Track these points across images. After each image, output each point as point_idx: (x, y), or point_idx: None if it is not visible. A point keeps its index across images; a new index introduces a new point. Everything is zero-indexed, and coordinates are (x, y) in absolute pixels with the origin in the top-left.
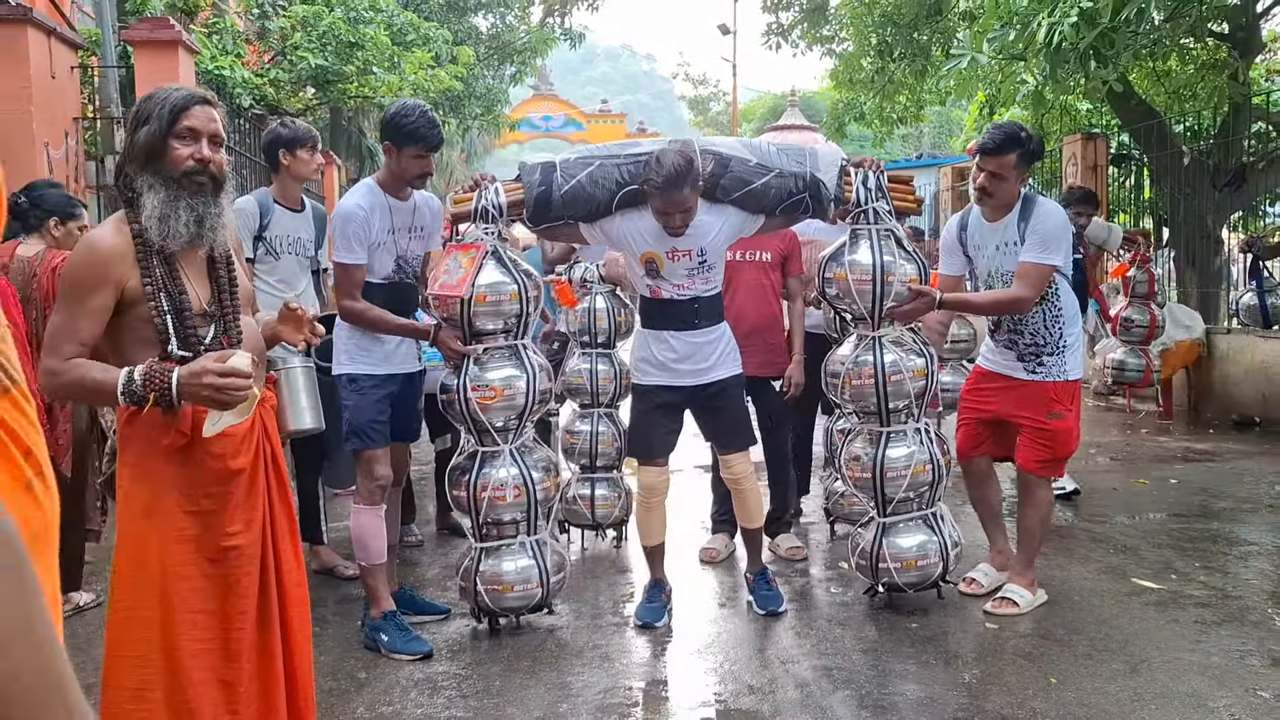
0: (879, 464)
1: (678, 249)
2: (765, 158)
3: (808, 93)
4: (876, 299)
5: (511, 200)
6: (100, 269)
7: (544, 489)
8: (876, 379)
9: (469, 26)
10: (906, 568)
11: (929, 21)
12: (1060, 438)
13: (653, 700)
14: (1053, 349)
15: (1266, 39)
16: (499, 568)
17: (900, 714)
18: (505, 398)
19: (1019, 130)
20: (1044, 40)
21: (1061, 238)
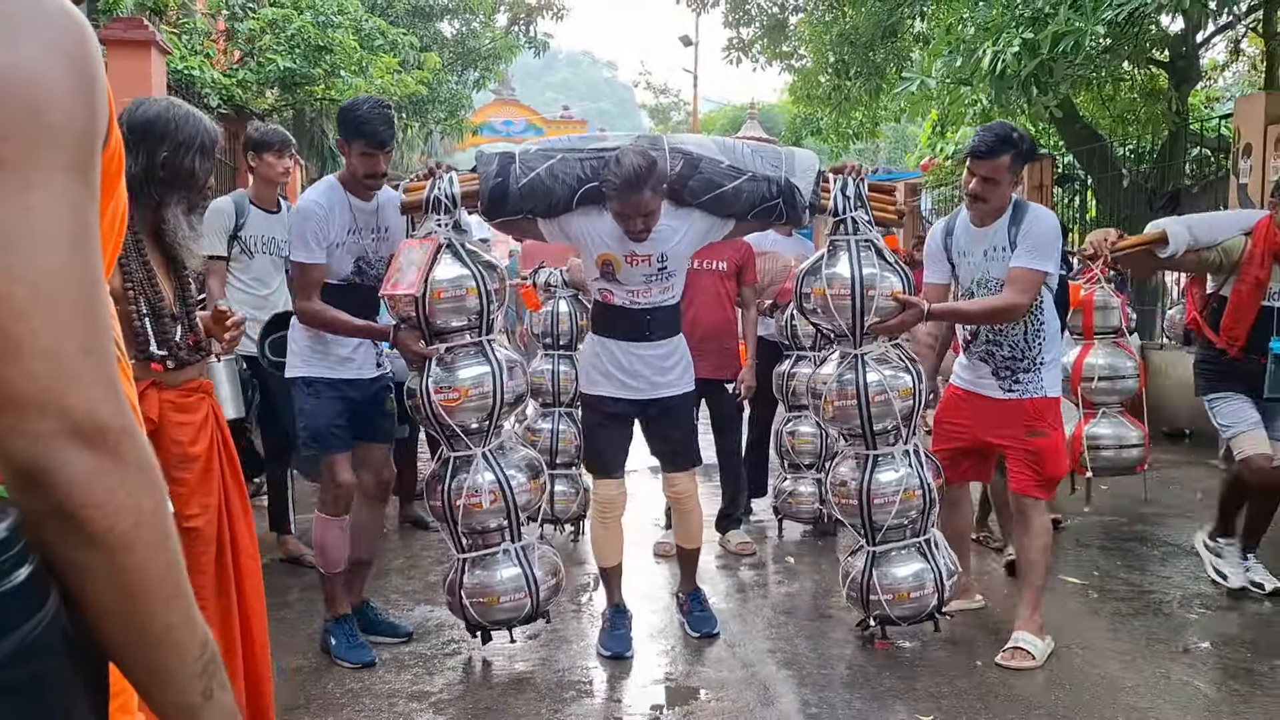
0: (866, 489)
1: (637, 253)
2: (738, 159)
3: (767, 105)
4: (857, 314)
5: (466, 190)
6: None
7: (524, 492)
8: (860, 399)
9: (434, 31)
10: (899, 599)
11: (884, 42)
12: (1046, 457)
13: (609, 678)
14: (1029, 365)
15: (1206, 67)
16: (483, 579)
17: (835, 691)
18: (472, 398)
19: (1010, 131)
20: (988, 67)
21: (1053, 244)
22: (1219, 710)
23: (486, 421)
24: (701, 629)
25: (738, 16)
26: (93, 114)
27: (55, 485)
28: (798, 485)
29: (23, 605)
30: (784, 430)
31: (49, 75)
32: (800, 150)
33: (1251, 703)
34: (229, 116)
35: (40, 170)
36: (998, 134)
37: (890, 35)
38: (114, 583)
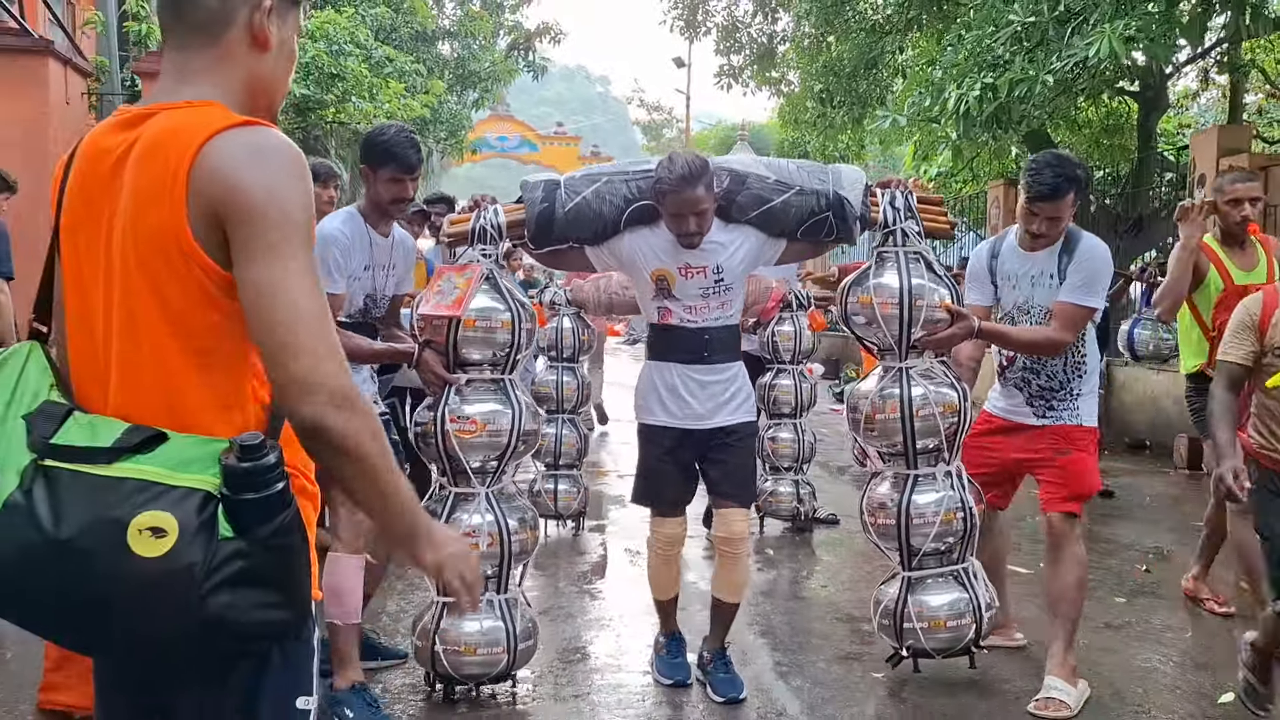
0: (904, 510)
1: (691, 265)
2: (784, 175)
3: (758, 125)
4: (904, 325)
5: (511, 220)
6: None
7: (519, 540)
8: (903, 414)
9: (436, 55)
10: (935, 629)
11: (867, 73)
12: (1073, 472)
13: (609, 648)
14: (1065, 395)
15: (1180, 95)
16: (462, 628)
17: (804, 654)
18: (487, 433)
19: (1070, 169)
20: (954, 108)
21: (1105, 279)
22: (1148, 681)
23: (495, 461)
24: (726, 694)
25: (729, 44)
26: (311, 213)
27: (329, 432)
28: (778, 486)
29: (281, 501)
30: (765, 436)
31: (291, 189)
32: (845, 166)
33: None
34: None
35: (292, 247)
36: (1058, 172)
37: (872, 67)
38: (360, 472)
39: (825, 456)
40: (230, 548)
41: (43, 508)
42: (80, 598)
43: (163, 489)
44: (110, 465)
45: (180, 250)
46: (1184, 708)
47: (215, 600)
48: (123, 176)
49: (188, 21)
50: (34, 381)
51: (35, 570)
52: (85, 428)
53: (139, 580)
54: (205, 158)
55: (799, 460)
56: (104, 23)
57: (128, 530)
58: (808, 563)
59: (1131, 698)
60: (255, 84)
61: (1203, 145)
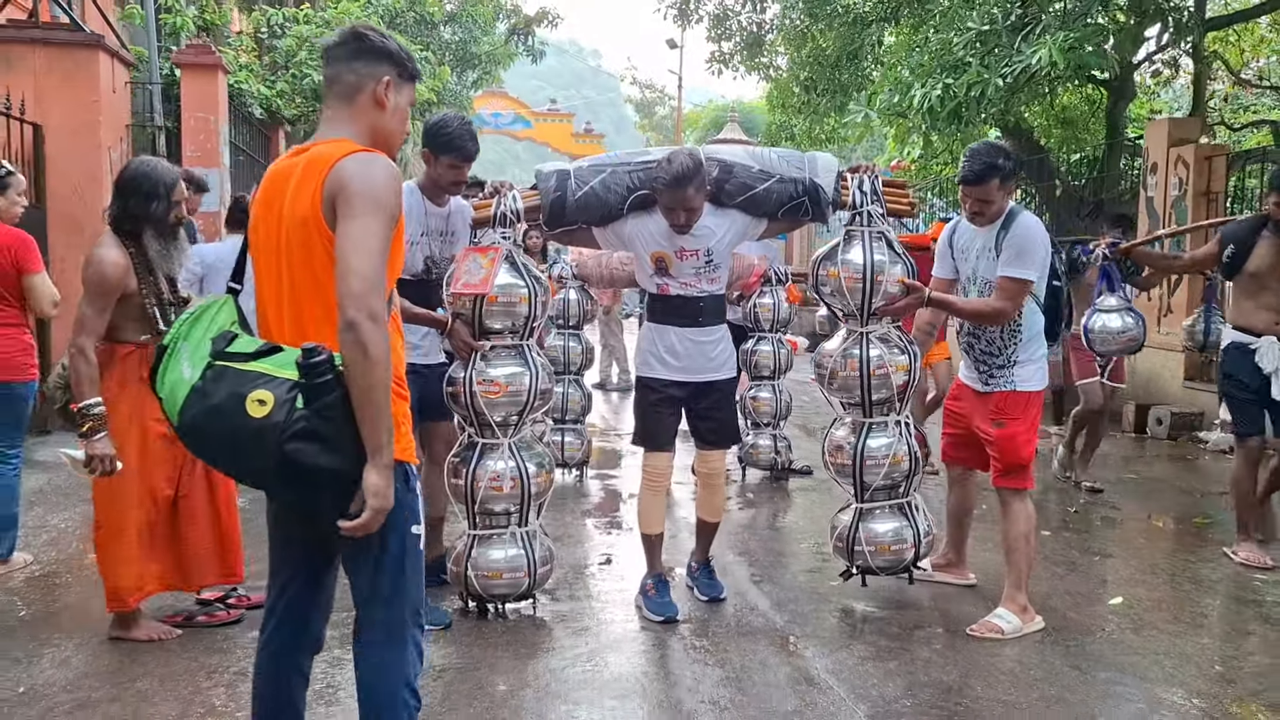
0: (859, 452)
1: (686, 249)
2: (767, 164)
3: (748, 105)
4: (866, 296)
5: (528, 206)
6: (119, 278)
7: (538, 483)
8: (861, 372)
9: (439, 38)
10: (880, 551)
11: (849, 64)
12: (1003, 446)
13: (610, 568)
14: (1004, 363)
15: (1154, 83)
16: (490, 555)
17: (775, 569)
18: (509, 393)
19: (995, 157)
20: (919, 104)
21: (1033, 252)
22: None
23: (516, 416)
24: (709, 593)
25: (719, 32)
26: (395, 203)
27: (358, 329)
28: (758, 439)
29: (327, 387)
30: (747, 395)
31: (383, 184)
32: (821, 154)
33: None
34: (265, 121)
35: (367, 215)
36: (985, 161)
37: (854, 57)
38: (367, 372)
39: (803, 419)
40: (300, 413)
41: (210, 387)
42: (225, 441)
43: (269, 378)
44: (245, 363)
45: (315, 227)
46: (1085, 610)
47: (289, 446)
48: (289, 185)
49: (336, 91)
50: (222, 319)
51: (206, 425)
52: (242, 342)
53: (249, 431)
54: (335, 169)
55: (777, 417)
56: (143, 16)
57: (246, 400)
58: (783, 504)
59: (1043, 608)
60: (376, 131)
61: (1155, 135)
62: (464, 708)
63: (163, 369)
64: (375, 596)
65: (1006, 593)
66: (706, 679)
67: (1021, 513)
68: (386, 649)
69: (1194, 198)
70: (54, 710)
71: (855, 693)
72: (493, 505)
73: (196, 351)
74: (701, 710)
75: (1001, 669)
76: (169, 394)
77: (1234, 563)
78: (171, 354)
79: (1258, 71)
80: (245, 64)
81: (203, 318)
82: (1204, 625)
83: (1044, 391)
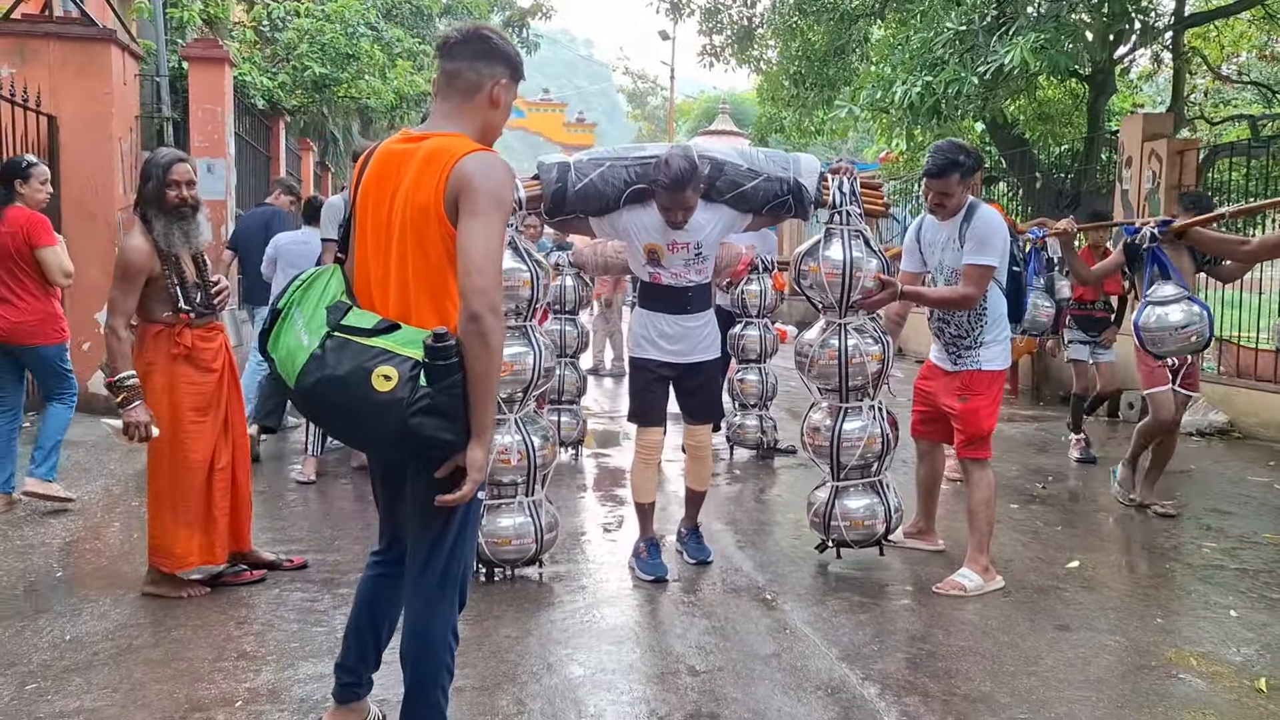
0: (836, 435)
1: (678, 241)
2: (755, 163)
3: (740, 96)
4: (845, 290)
5: (530, 195)
6: (144, 262)
7: (543, 455)
8: (840, 360)
9: (435, 31)
10: (855, 526)
11: (836, 59)
12: (966, 419)
13: (603, 531)
14: (971, 343)
15: (1136, 79)
16: (499, 523)
17: (759, 536)
18: (514, 372)
19: (956, 154)
20: (900, 100)
21: (994, 241)
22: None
23: (521, 393)
24: (697, 556)
25: (710, 25)
26: (512, 202)
27: (482, 321)
28: (745, 420)
29: (451, 369)
30: (735, 378)
31: (504, 184)
32: (805, 155)
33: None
34: (266, 112)
35: (496, 217)
36: (947, 156)
37: (841, 53)
38: (487, 361)
39: (791, 403)
40: (423, 391)
41: (330, 357)
42: (346, 410)
43: (393, 354)
44: (368, 338)
45: (436, 216)
46: (1043, 572)
47: (413, 420)
48: (406, 169)
49: (456, 86)
50: (333, 289)
51: (328, 393)
52: (359, 315)
53: (374, 404)
54: (458, 165)
55: (763, 398)
56: (150, 10)
57: (371, 375)
58: (768, 480)
59: (1004, 570)
60: (487, 128)
61: (1130, 130)
62: (474, 650)
63: (276, 332)
64: (440, 546)
65: (969, 554)
66: (694, 628)
67: (983, 480)
68: (439, 593)
69: (1166, 191)
70: (99, 655)
71: (828, 639)
72: (501, 477)
73: (313, 319)
74: (689, 654)
75: (962, 620)
76: (285, 357)
77: (1176, 526)
78: (286, 319)
79: (1238, 67)
80: (248, 56)
81: (314, 285)
82: (1150, 585)
83: (1006, 371)
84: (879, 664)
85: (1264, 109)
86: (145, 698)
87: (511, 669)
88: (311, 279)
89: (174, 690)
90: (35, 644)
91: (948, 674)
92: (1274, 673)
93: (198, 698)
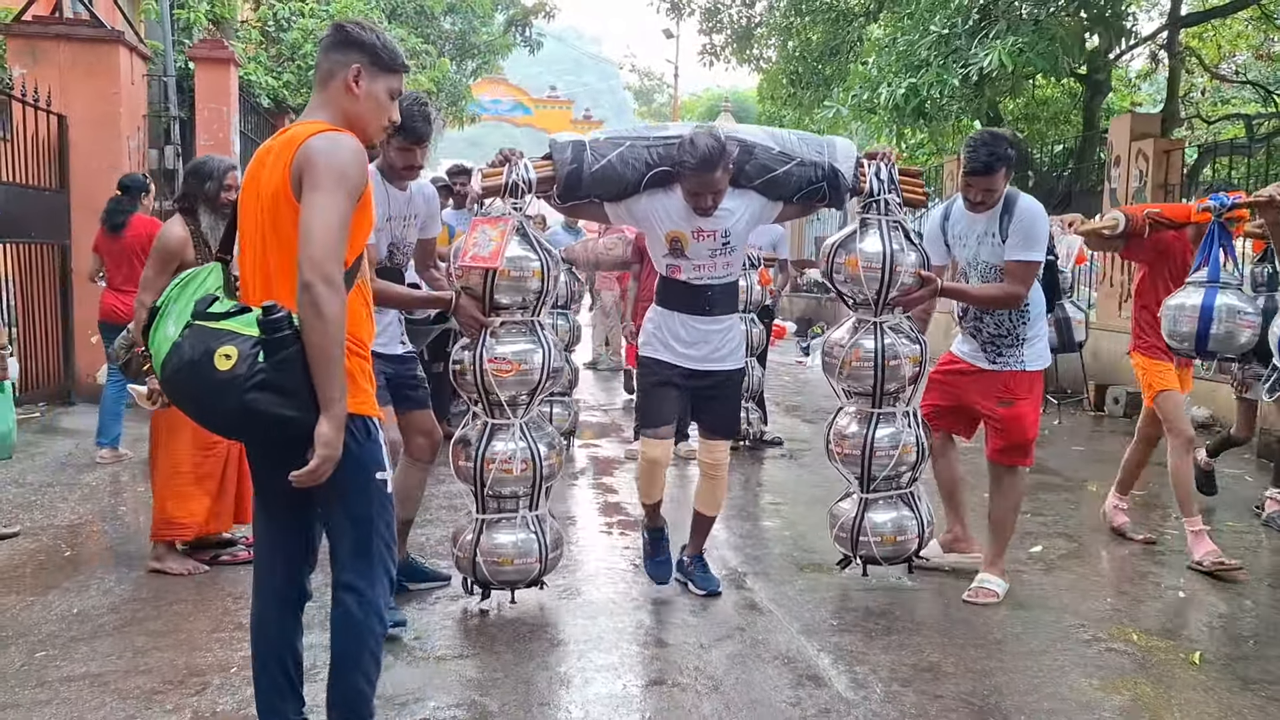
0: (869, 443)
1: (703, 229)
2: (787, 146)
3: (742, 94)
4: (884, 286)
5: (541, 176)
6: (178, 248)
7: (549, 465)
8: (876, 362)
9: (438, 29)
10: (885, 542)
11: (830, 59)
12: (1011, 425)
13: (596, 524)
14: (1012, 341)
15: (1137, 75)
16: (500, 540)
17: (733, 529)
18: (520, 372)
19: (1000, 146)
20: (885, 102)
21: (1043, 234)
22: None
23: (527, 396)
24: (706, 588)
25: (710, 25)
26: (359, 179)
27: (312, 290)
28: None
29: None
30: None
31: (349, 161)
32: (840, 138)
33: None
34: (272, 110)
35: (337, 191)
36: (992, 150)
37: (835, 53)
38: (321, 331)
39: (781, 397)
40: (260, 367)
41: (185, 344)
42: (196, 395)
43: (236, 335)
44: (217, 322)
45: (285, 199)
46: (1006, 555)
47: (248, 396)
48: (267, 161)
49: (319, 77)
50: (210, 284)
51: (180, 378)
52: (220, 304)
53: (215, 383)
54: (304, 146)
55: (750, 391)
56: (158, 11)
57: (214, 355)
58: (752, 470)
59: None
60: (348, 115)
61: (1118, 130)
62: (455, 625)
63: (153, 328)
64: (345, 542)
65: (990, 558)
66: (665, 606)
67: (1015, 487)
68: (357, 593)
69: (1153, 189)
70: (104, 626)
71: (791, 615)
72: (502, 488)
73: (182, 313)
74: (660, 627)
75: (920, 598)
76: (156, 350)
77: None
78: (162, 315)
79: (1235, 66)
80: (253, 56)
81: (191, 283)
82: (1108, 568)
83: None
84: (835, 637)
85: (1260, 108)
86: (147, 664)
87: (491, 641)
88: (190, 277)
89: (174, 658)
90: (44, 616)
91: (899, 646)
92: (1211, 648)
93: (196, 664)
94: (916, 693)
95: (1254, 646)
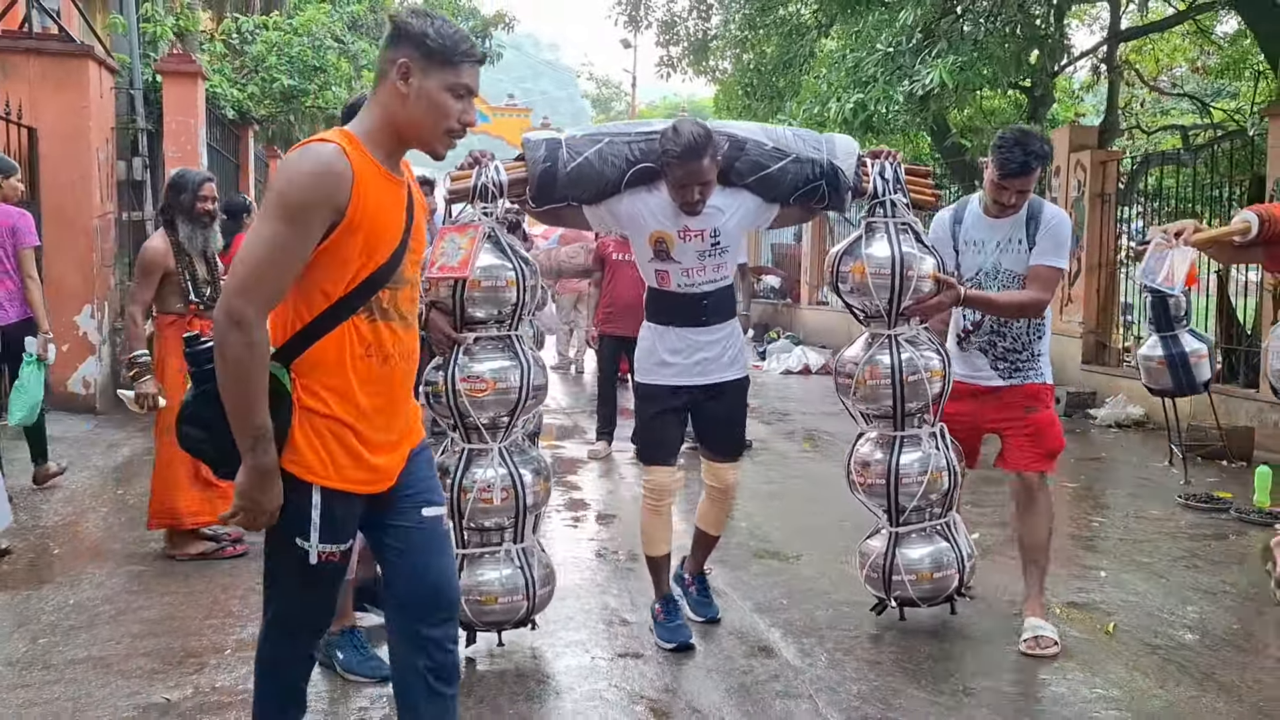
0: (893, 470)
1: (690, 228)
2: (782, 142)
3: (700, 102)
4: (896, 294)
5: (513, 179)
6: (160, 260)
7: (534, 493)
8: (894, 379)
9: None
10: (922, 580)
11: (784, 72)
12: (1044, 428)
13: (556, 512)
14: (1028, 356)
15: (1081, 86)
16: (482, 577)
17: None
18: (497, 391)
19: (1035, 144)
20: (835, 116)
21: (1068, 240)
22: None
23: (507, 417)
24: (704, 615)
25: (667, 38)
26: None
27: (217, 327)
28: None
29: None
30: None
31: (290, 179)
32: (839, 135)
33: None
34: (235, 122)
35: (270, 215)
36: (1028, 150)
37: (788, 67)
38: (221, 370)
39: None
40: (188, 398)
41: None
42: None
43: None
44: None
45: None
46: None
47: (181, 428)
48: None
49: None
50: None
51: None
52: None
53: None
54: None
55: None
56: (125, 25)
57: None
58: None
59: None
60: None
61: (1058, 141)
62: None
63: None
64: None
65: (1034, 597)
66: (629, 590)
67: (1047, 504)
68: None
69: (1090, 199)
70: (101, 616)
71: (745, 596)
72: (483, 520)
73: None
74: (624, 608)
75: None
76: None
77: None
78: None
79: (1173, 79)
80: (217, 68)
81: None
82: None
83: None
84: (786, 614)
85: (1196, 119)
86: (146, 648)
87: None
88: None
89: (170, 642)
90: (42, 608)
91: (843, 622)
92: (1125, 620)
93: (191, 647)
94: (858, 660)
95: (1162, 616)
